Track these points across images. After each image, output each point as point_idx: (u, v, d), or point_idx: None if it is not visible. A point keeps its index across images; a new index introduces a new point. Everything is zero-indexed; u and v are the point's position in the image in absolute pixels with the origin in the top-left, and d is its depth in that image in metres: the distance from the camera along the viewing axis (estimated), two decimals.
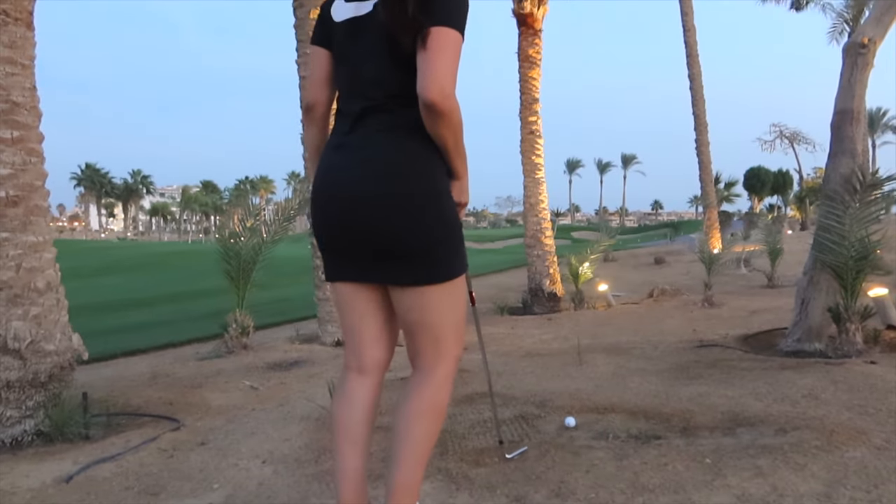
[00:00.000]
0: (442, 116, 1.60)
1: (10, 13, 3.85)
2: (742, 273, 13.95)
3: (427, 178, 1.70)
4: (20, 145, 3.82)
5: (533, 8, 10.94)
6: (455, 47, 1.62)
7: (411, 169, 1.69)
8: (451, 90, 1.59)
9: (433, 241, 1.71)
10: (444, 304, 1.75)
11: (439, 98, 1.57)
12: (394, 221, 1.68)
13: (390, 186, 1.68)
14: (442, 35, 1.60)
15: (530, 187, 11.10)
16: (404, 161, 1.70)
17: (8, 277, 3.65)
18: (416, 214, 1.68)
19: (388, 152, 1.70)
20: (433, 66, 1.58)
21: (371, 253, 1.74)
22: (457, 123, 1.65)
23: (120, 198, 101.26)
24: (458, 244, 1.76)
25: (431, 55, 1.58)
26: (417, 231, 1.69)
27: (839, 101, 5.33)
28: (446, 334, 1.78)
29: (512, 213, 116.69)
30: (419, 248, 1.70)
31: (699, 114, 20.01)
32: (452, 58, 1.61)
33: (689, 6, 19.69)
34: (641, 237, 47.63)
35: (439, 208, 1.71)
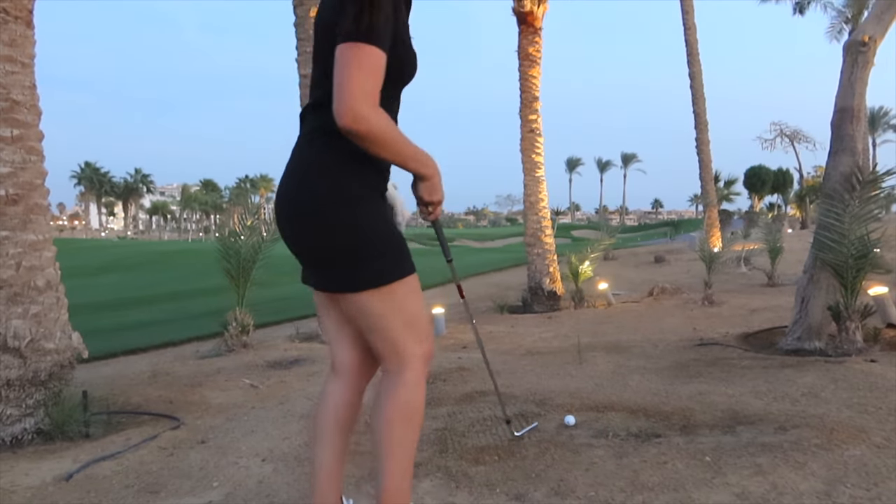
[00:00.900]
0: (363, 139, 1.51)
1: (9, 11, 3.85)
2: (742, 271, 13.94)
3: (331, 184, 1.62)
4: (20, 143, 3.82)
5: (533, 6, 10.92)
6: (364, 64, 1.49)
7: (315, 174, 1.64)
8: (363, 111, 1.47)
9: (343, 249, 1.64)
10: (382, 310, 1.67)
11: (352, 123, 1.47)
12: (300, 228, 1.67)
13: (296, 192, 1.67)
14: (347, 52, 1.50)
15: (530, 186, 11.10)
16: (311, 166, 1.65)
17: (8, 276, 3.65)
18: (318, 221, 1.63)
19: (301, 156, 1.69)
20: (342, 89, 1.47)
21: (301, 259, 1.76)
22: (383, 139, 1.53)
23: (120, 196, 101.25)
24: (380, 250, 1.65)
25: (339, 75, 1.49)
26: (322, 239, 1.64)
27: (839, 99, 5.33)
28: (399, 338, 1.70)
29: (512, 212, 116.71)
30: (329, 256, 1.66)
31: (699, 112, 20.00)
32: (362, 76, 1.48)
33: (690, 5, 19.68)
34: (641, 236, 47.65)
35: (346, 215, 1.62)
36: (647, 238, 42.65)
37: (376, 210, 1.67)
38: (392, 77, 1.59)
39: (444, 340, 7.03)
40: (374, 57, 1.50)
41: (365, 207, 1.64)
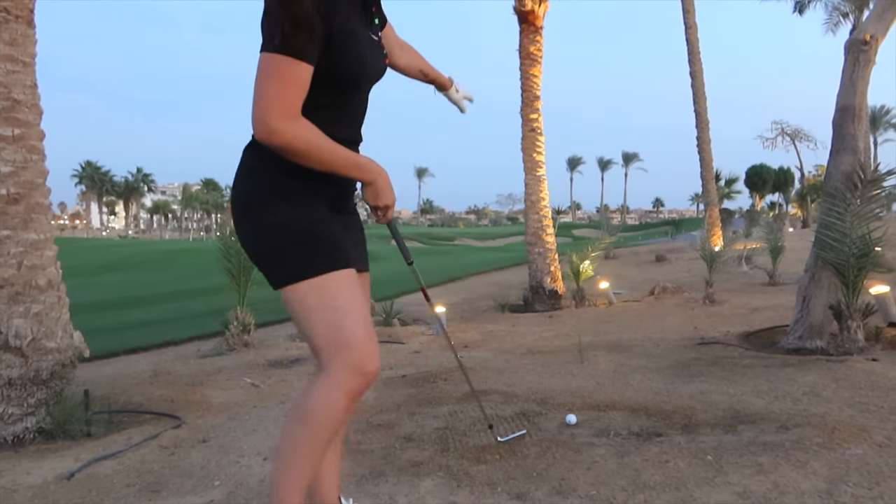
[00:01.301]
0: (282, 151, 1.52)
1: (10, 11, 3.85)
2: (743, 270, 13.94)
3: (242, 187, 1.69)
4: (21, 143, 3.82)
5: (534, 5, 10.92)
6: (272, 74, 1.47)
7: (237, 176, 1.70)
8: (275, 124, 1.47)
9: (253, 249, 1.70)
10: (296, 310, 1.65)
11: (265, 137, 1.49)
12: (235, 228, 1.76)
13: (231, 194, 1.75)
14: (259, 63, 1.50)
15: (531, 185, 11.10)
16: (238, 168, 1.71)
17: (9, 275, 3.65)
18: (236, 222, 1.71)
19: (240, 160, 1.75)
20: (253, 101, 1.48)
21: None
22: (304, 151, 1.52)
23: (121, 196, 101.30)
24: (283, 252, 1.64)
25: (254, 87, 1.49)
26: (240, 237, 1.73)
27: (841, 98, 5.32)
28: (318, 343, 1.63)
29: (513, 211, 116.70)
30: (251, 256, 1.73)
31: (700, 111, 19.99)
32: (272, 86, 1.47)
33: (691, 4, 19.66)
34: (643, 235, 47.66)
35: (252, 217, 1.67)
36: (648, 237, 42.64)
37: (293, 211, 1.64)
38: (334, 84, 1.60)
39: (444, 340, 7.03)
40: (290, 67, 1.47)
41: (268, 209, 1.64)
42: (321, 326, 1.61)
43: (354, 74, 1.65)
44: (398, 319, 8.55)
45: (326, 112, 1.62)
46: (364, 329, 1.63)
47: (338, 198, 1.78)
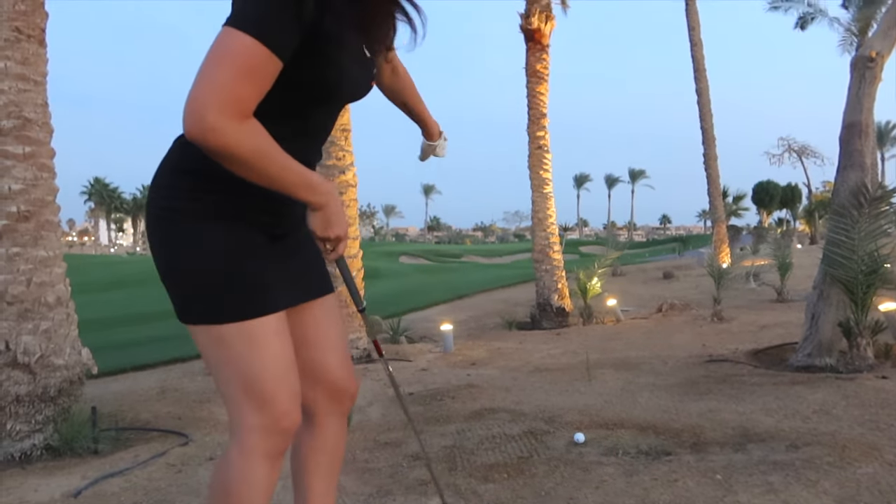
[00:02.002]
0: (212, 153, 1.16)
1: (22, 30, 3.91)
2: (751, 287, 13.86)
3: (161, 190, 1.39)
4: (32, 161, 3.86)
5: (540, 24, 11.00)
6: (233, 58, 1.14)
7: (157, 174, 1.41)
8: (213, 120, 1.12)
9: (161, 267, 1.40)
10: (205, 354, 1.40)
11: (197, 133, 1.13)
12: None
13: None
14: (219, 38, 1.16)
15: (538, 202, 11.11)
16: (160, 165, 1.42)
17: (19, 292, 3.68)
18: (148, 229, 1.42)
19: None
20: (195, 84, 1.14)
21: None
22: (244, 160, 1.18)
23: (129, 213, 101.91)
24: (197, 283, 1.36)
25: (201, 66, 1.15)
26: (151, 249, 1.42)
27: (847, 114, 5.32)
28: (231, 397, 1.38)
29: (520, 228, 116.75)
30: (158, 271, 1.43)
31: (707, 128, 20.00)
32: (225, 73, 1.13)
33: (696, 21, 19.75)
34: (650, 251, 47.50)
35: (166, 230, 1.38)
36: (655, 254, 42.51)
37: (209, 235, 1.35)
38: (303, 92, 1.34)
39: (452, 357, 7.01)
40: (254, 53, 1.15)
41: (191, 226, 1.35)
42: (232, 381, 1.37)
43: (330, 86, 1.38)
44: (405, 337, 8.53)
45: (287, 122, 1.35)
46: (283, 387, 1.38)
47: (281, 218, 1.46)
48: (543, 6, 11.01)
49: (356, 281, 7.45)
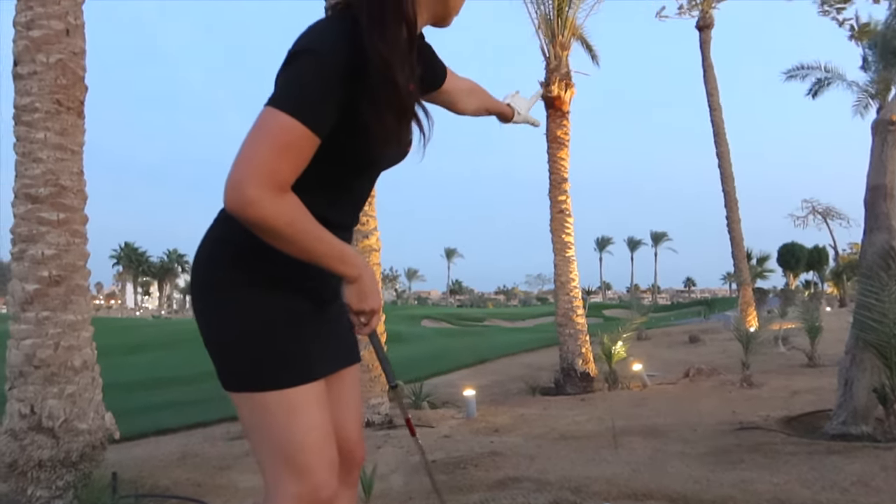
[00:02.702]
0: (251, 225, 1.22)
1: (62, 103, 4.08)
2: (781, 351, 13.56)
3: (204, 261, 1.43)
4: (65, 227, 3.97)
5: (560, 91, 11.23)
6: (274, 135, 1.20)
7: (200, 247, 1.45)
8: (253, 194, 1.18)
9: (206, 336, 1.43)
10: (246, 422, 1.42)
11: (237, 206, 1.19)
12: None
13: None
14: (261, 117, 1.23)
15: (561, 266, 11.09)
16: (203, 238, 1.46)
17: (46, 356, 3.72)
18: (193, 300, 1.46)
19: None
20: (236, 159, 1.20)
21: None
22: (281, 233, 1.23)
23: (156, 276, 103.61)
24: (240, 351, 1.38)
25: (243, 142, 1.22)
26: (196, 319, 1.45)
27: (871, 177, 5.31)
28: (268, 464, 1.40)
29: (542, 291, 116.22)
30: (204, 341, 1.45)
31: (729, 191, 20.00)
32: (265, 149, 1.19)
33: (715, 86, 20.02)
34: (675, 315, 46.91)
35: (211, 299, 1.41)
36: (680, 317, 41.93)
37: (253, 304, 1.38)
38: (343, 162, 1.38)
39: (475, 423, 6.89)
40: (288, 132, 1.21)
41: (235, 295, 1.38)
42: (271, 448, 1.39)
43: (371, 158, 1.43)
44: (428, 402, 8.43)
45: (326, 191, 1.39)
46: (322, 457, 1.40)
47: (324, 285, 1.47)
48: (563, 74, 11.27)
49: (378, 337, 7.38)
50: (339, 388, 1.58)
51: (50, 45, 4.02)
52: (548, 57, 11.44)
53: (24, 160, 3.96)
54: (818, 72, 23.49)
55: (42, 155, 3.95)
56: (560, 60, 11.32)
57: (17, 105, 4.01)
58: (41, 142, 3.96)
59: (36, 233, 3.86)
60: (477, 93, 1.90)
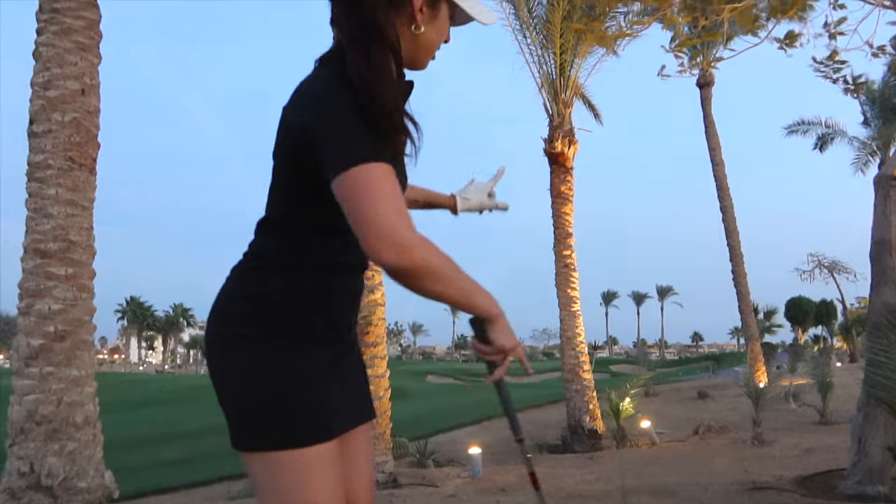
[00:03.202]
0: (415, 275, 1.20)
1: (75, 159, 4.17)
2: (792, 408, 13.33)
3: (223, 309, 1.40)
4: (73, 282, 4.00)
5: (564, 148, 11.39)
6: (373, 187, 1.19)
7: (219, 297, 1.42)
8: (401, 239, 1.16)
9: (220, 389, 1.38)
10: (260, 482, 1.34)
11: (401, 259, 1.17)
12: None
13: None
14: (349, 183, 1.20)
15: (566, 320, 11.04)
16: (220, 292, 1.42)
17: (48, 412, 3.69)
18: (208, 350, 1.42)
19: (224, 282, 1.46)
20: (364, 226, 1.18)
21: None
22: (440, 270, 1.22)
23: (160, 330, 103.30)
24: (258, 407, 1.33)
25: (354, 213, 1.20)
26: (210, 371, 1.41)
27: (876, 232, 5.31)
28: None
29: (548, 346, 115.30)
30: (217, 394, 1.40)
31: (734, 245, 20.03)
32: (379, 200, 1.18)
33: (717, 142, 20.28)
34: (683, 370, 46.29)
35: (229, 348, 1.37)
36: (688, 372, 41.40)
37: (269, 359, 1.34)
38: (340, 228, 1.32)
39: (481, 483, 6.75)
40: (380, 173, 1.20)
41: (256, 345, 1.35)
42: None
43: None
44: (432, 460, 8.27)
45: (341, 237, 1.35)
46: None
47: (339, 337, 1.46)
48: (566, 132, 11.46)
49: (383, 401, 7.32)
50: (352, 445, 1.53)
51: (65, 105, 4.13)
52: (551, 114, 11.66)
53: (35, 216, 4.01)
54: (819, 127, 23.84)
55: (53, 210, 4.01)
56: (563, 118, 11.53)
57: (30, 162, 4.09)
58: (53, 198, 4.02)
59: (43, 287, 3.89)
60: (413, 188, 1.81)
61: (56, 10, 4.37)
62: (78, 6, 4.43)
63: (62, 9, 4.38)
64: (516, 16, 11.83)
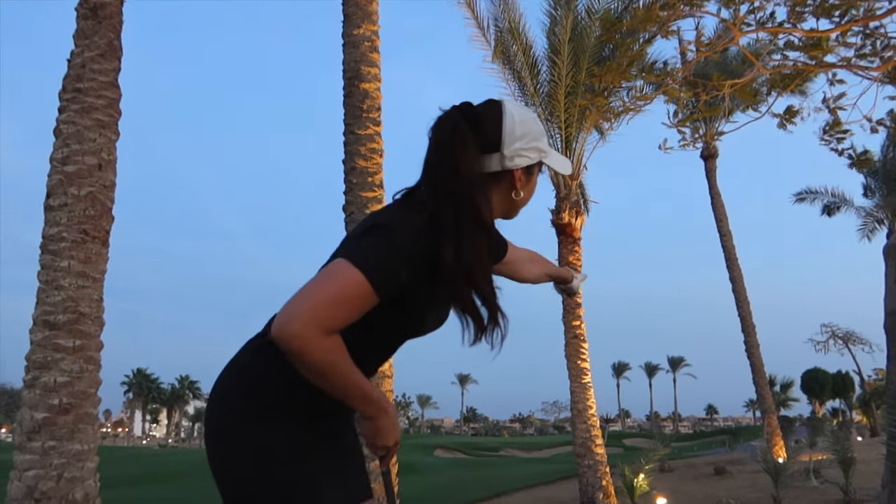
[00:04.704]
0: (289, 356, 1.25)
1: (89, 232, 4.22)
2: (814, 486, 12.88)
3: (231, 391, 1.44)
4: (80, 353, 3.98)
5: (571, 219, 11.48)
6: (340, 285, 1.26)
7: (225, 375, 1.47)
8: (300, 329, 1.21)
9: (219, 485, 1.40)
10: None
11: (283, 335, 1.22)
12: (206, 442, 1.46)
13: (210, 399, 1.49)
14: (333, 265, 1.31)
15: (577, 392, 10.85)
16: (229, 366, 1.48)
17: (48, 488, 3.61)
18: (211, 435, 1.43)
19: (233, 359, 1.51)
20: (296, 294, 1.26)
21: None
22: (318, 368, 1.26)
23: (165, 403, 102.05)
24: (257, 490, 1.35)
25: (307, 281, 1.29)
26: (211, 456, 1.42)
27: (889, 302, 5.26)
28: None
29: (559, 419, 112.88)
30: (219, 483, 1.42)
31: (745, 315, 19.83)
32: (327, 294, 1.25)
33: (724, 213, 20.37)
34: (698, 444, 45.12)
35: (236, 433, 1.38)
36: (704, 447, 40.29)
37: (287, 437, 1.40)
38: (384, 325, 1.45)
39: None
40: (355, 287, 1.28)
41: (265, 428, 1.39)
42: None
43: (407, 330, 1.53)
44: None
45: (367, 339, 1.44)
46: None
47: (348, 415, 1.54)
48: (573, 203, 11.58)
49: (390, 475, 7.13)
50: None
51: (82, 179, 4.23)
52: (557, 186, 11.80)
53: (46, 287, 4.04)
54: (825, 196, 23.98)
55: (64, 283, 4.03)
56: (570, 189, 11.67)
57: (45, 235, 4.15)
58: (65, 270, 4.06)
59: (51, 360, 3.87)
60: (537, 261, 2.01)
61: (79, 91, 4.53)
62: (100, 86, 4.59)
63: (85, 89, 4.54)
64: (521, 91, 12.15)
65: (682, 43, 7.03)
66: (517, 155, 1.45)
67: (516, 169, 1.47)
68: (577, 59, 11.23)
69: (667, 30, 5.64)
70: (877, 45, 5.39)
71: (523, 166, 1.48)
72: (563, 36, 11.19)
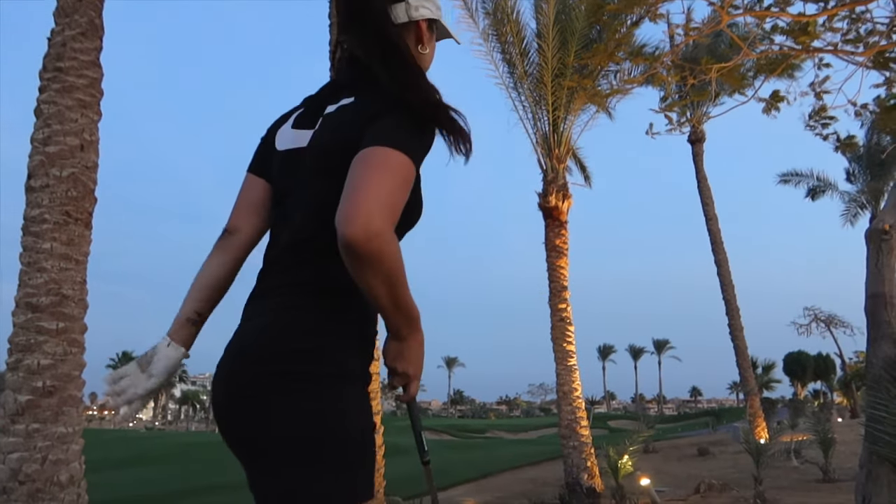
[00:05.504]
0: (365, 260, 1.12)
1: (71, 214, 4.18)
2: (794, 466, 13.10)
3: (291, 356, 1.24)
4: (63, 336, 3.95)
5: (558, 202, 11.50)
6: (396, 171, 1.19)
7: (272, 340, 1.26)
8: (380, 225, 1.11)
9: (275, 449, 1.22)
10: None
11: (362, 235, 1.10)
12: (239, 413, 1.27)
13: (249, 363, 1.26)
14: (377, 154, 1.20)
15: (563, 375, 10.94)
16: (269, 328, 1.28)
17: (32, 470, 3.60)
18: (258, 392, 1.23)
19: (265, 318, 1.31)
20: (358, 191, 1.14)
21: (243, 460, 1.31)
22: (390, 270, 1.15)
23: None
24: (353, 456, 1.23)
25: (358, 177, 1.17)
26: (260, 428, 1.23)
27: (870, 286, 5.33)
28: None
29: (545, 402, 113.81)
30: (262, 455, 1.24)
31: (729, 298, 20.01)
32: (390, 183, 1.17)
33: (710, 197, 20.48)
34: (682, 426, 45.66)
35: (295, 401, 1.22)
36: (687, 428, 40.81)
37: (355, 399, 1.28)
38: (408, 218, 1.35)
39: None
40: (409, 170, 1.22)
41: (339, 389, 1.25)
42: None
43: (414, 215, 1.41)
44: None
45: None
46: None
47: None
48: (560, 186, 11.59)
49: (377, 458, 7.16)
50: None
51: (64, 160, 4.17)
52: (545, 170, 11.81)
53: (28, 269, 4.00)
54: (811, 179, 24.17)
55: (47, 265, 3.99)
56: (557, 173, 11.68)
57: (26, 216, 4.10)
58: (47, 252, 4.02)
59: (34, 342, 3.84)
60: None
61: (59, 70, 4.45)
62: (81, 65, 4.51)
63: (66, 68, 4.46)
64: (510, 73, 12.11)
65: (671, 26, 7.02)
66: (421, 5, 1.51)
67: (421, 20, 1.52)
68: (564, 40, 11.19)
69: (654, 13, 5.61)
70: (860, 31, 5.40)
71: (426, 17, 1.52)
72: (549, 17, 11.14)
